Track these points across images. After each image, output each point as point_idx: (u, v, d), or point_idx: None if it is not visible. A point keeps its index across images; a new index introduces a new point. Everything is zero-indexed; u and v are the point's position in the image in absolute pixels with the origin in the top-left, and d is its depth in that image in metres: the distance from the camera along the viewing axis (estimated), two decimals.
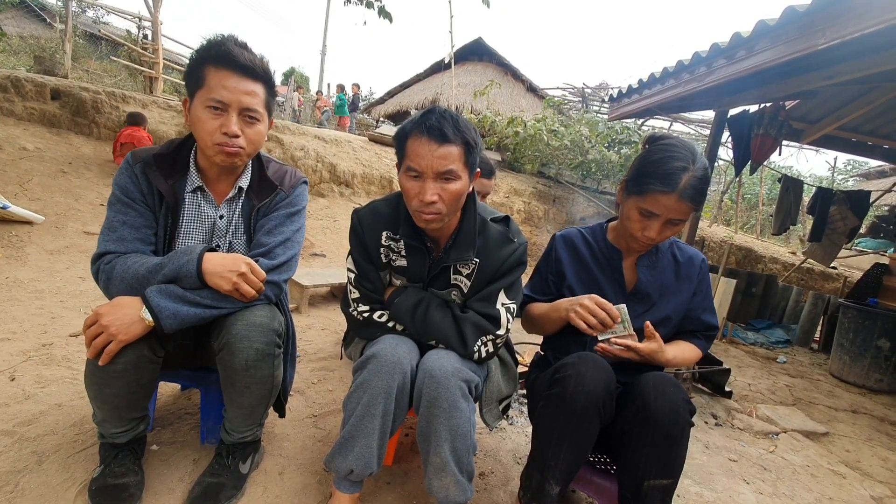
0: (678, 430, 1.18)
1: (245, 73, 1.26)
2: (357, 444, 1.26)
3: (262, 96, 1.30)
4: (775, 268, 8.86)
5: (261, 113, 1.31)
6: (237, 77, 1.25)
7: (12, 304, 2.67)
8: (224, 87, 1.23)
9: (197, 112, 1.25)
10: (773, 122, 3.91)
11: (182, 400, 1.93)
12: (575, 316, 1.30)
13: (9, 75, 5.31)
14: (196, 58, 1.26)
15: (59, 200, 4.28)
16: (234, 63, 1.24)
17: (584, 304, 1.30)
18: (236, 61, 1.24)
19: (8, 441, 1.50)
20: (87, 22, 17.16)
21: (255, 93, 1.28)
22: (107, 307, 1.17)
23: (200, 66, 1.24)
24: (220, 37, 1.28)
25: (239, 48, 1.26)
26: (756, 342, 5.05)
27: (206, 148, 1.28)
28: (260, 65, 1.29)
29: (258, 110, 1.30)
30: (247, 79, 1.26)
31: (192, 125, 1.28)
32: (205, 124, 1.24)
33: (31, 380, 1.90)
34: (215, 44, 1.25)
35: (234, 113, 1.25)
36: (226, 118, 1.25)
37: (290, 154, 6.71)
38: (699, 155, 1.25)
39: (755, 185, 13.47)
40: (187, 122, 1.31)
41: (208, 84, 1.23)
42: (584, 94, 13.48)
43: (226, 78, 1.23)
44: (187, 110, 1.31)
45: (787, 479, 2.17)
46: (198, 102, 1.25)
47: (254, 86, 1.28)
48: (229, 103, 1.24)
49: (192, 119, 1.28)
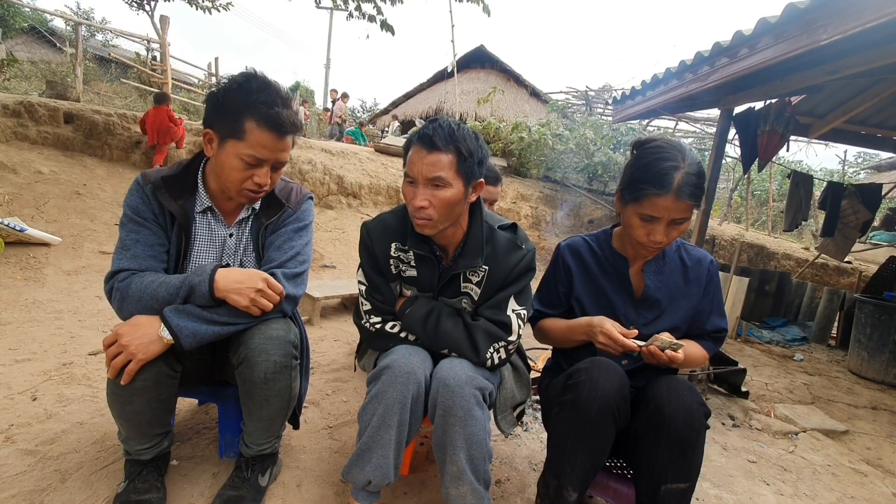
0: (693, 434, 1.18)
1: (285, 134, 1.28)
2: (374, 454, 1.27)
3: (291, 147, 1.34)
4: (788, 264, 8.76)
5: (287, 160, 1.35)
6: (278, 138, 1.26)
7: (32, 324, 2.73)
8: (265, 148, 1.25)
9: (229, 159, 1.26)
10: (780, 118, 3.89)
11: (200, 415, 1.95)
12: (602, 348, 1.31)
13: (22, 100, 5.44)
14: (237, 104, 1.23)
15: (75, 221, 4.37)
16: (280, 128, 1.25)
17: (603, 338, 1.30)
18: (282, 127, 1.25)
19: (31, 460, 1.53)
20: (96, 45, 17.55)
21: (288, 146, 1.32)
22: (125, 327, 1.20)
23: (241, 116, 1.22)
24: (264, 85, 1.25)
25: (285, 109, 1.25)
26: (771, 341, 4.99)
27: (230, 189, 1.30)
28: (296, 120, 1.31)
29: (287, 161, 1.34)
30: (285, 138, 1.29)
31: (220, 166, 1.29)
32: (237, 173, 1.26)
33: (52, 399, 1.94)
34: (263, 101, 1.22)
35: (267, 167, 1.29)
36: (259, 171, 1.28)
37: (297, 168, 6.79)
38: (688, 151, 1.25)
39: (765, 181, 13.34)
40: (209, 154, 1.32)
41: (248, 141, 1.23)
42: (587, 97, 13.49)
43: (268, 139, 1.25)
44: (212, 146, 1.30)
45: (807, 479, 2.14)
46: (231, 150, 1.25)
47: (288, 141, 1.31)
48: (266, 160, 1.27)
49: (220, 160, 1.28)
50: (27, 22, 15.70)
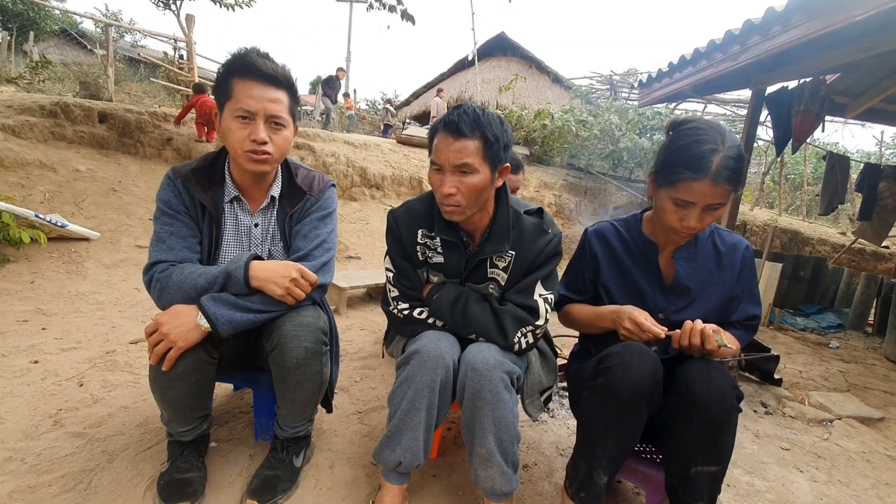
0: (725, 416, 1.16)
1: (269, 82, 1.31)
2: (404, 436, 1.30)
3: (285, 103, 1.35)
4: (824, 250, 8.46)
5: (286, 119, 1.36)
6: (262, 86, 1.29)
7: (76, 315, 2.86)
8: (250, 97, 1.28)
9: (227, 123, 1.31)
10: (814, 98, 3.74)
11: (235, 400, 2.03)
12: (626, 333, 1.30)
13: (58, 101, 5.65)
14: (223, 72, 1.32)
15: (112, 217, 4.54)
16: (258, 73, 1.29)
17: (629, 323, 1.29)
18: (260, 71, 1.29)
19: (80, 442, 1.62)
20: (125, 46, 18.02)
21: (280, 100, 1.33)
22: (165, 316, 1.25)
23: (227, 78, 1.30)
24: (243, 49, 1.34)
25: (261, 59, 1.31)
26: (806, 328, 4.84)
27: (237, 156, 1.33)
28: (282, 73, 1.34)
29: (283, 116, 1.34)
30: (271, 87, 1.31)
31: (224, 136, 1.34)
32: (234, 133, 1.30)
33: (97, 385, 2.04)
34: (239, 56, 1.30)
35: (260, 121, 1.30)
36: (253, 126, 1.30)
37: (321, 160, 6.87)
38: (728, 133, 1.20)
39: (798, 164, 12.86)
40: (219, 135, 1.37)
41: (235, 95, 1.29)
42: (612, 81, 13.21)
43: (251, 88, 1.28)
44: (218, 123, 1.37)
45: (842, 467, 2.09)
46: (227, 114, 1.31)
47: (277, 93, 1.33)
48: (256, 112, 1.29)
49: (222, 130, 1.34)
50: (58, 25, 16.20)
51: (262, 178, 1.45)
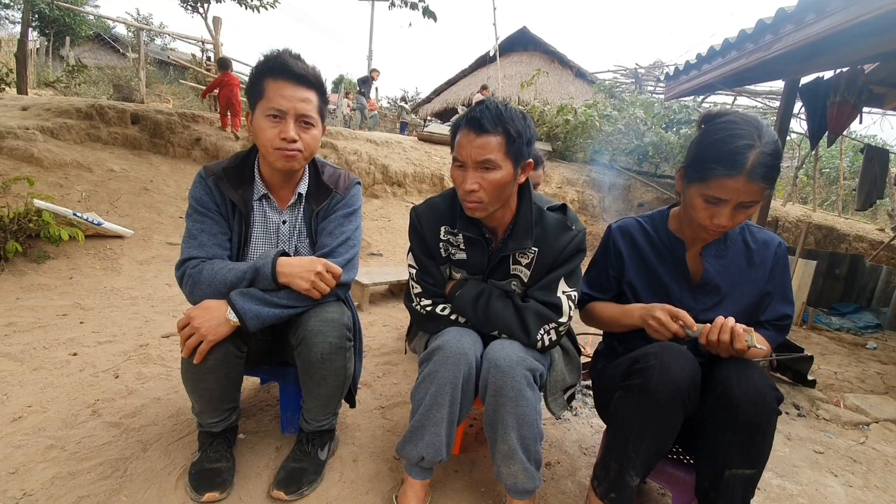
0: (763, 418, 1.12)
1: (300, 82, 1.34)
2: (427, 432, 1.31)
3: (315, 103, 1.39)
4: (861, 247, 8.12)
5: (315, 118, 1.39)
6: (293, 86, 1.33)
7: (112, 310, 2.97)
8: (282, 97, 1.32)
9: (258, 121, 1.35)
10: (851, 88, 3.60)
11: (262, 393, 2.07)
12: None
13: (93, 104, 5.86)
14: (256, 72, 1.36)
15: (145, 215, 4.68)
16: (290, 73, 1.33)
17: (661, 312, 1.26)
18: (291, 71, 1.33)
19: (116, 432, 1.68)
20: (155, 49, 18.58)
21: (310, 100, 1.37)
22: (196, 311, 1.29)
23: (260, 79, 1.34)
24: (276, 51, 1.37)
25: (293, 59, 1.35)
26: (841, 328, 4.66)
27: (268, 154, 1.37)
28: (312, 73, 1.38)
29: (313, 116, 1.38)
30: (301, 87, 1.35)
31: (255, 134, 1.38)
32: (266, 132, 1.34)
33: (132, 377, 2.11)
34: (272, 57, 1.34)
35: (291, 120, 1.34)
36: (284, 125, 1.33)
37: (344, 158, 6.94)
38: (765, 127, 1.14)
39: (834, 157, 12.38)
40: (250, 133, 1.41)
41: (267, 95, 1.32)
42: (637, 74, 12.93)
43: (283, 88, 1.32)
44: (250, 122, 1.40)
45: (878, 471, 2.01)
46: (259, 112, 1.35)
47: (308, 93, 1.36)
48: (287, 111, 1.33)
49: (254, 129, 1.38)
50: (92, 30, 16.80)
51: (291, 176, 1.48)
